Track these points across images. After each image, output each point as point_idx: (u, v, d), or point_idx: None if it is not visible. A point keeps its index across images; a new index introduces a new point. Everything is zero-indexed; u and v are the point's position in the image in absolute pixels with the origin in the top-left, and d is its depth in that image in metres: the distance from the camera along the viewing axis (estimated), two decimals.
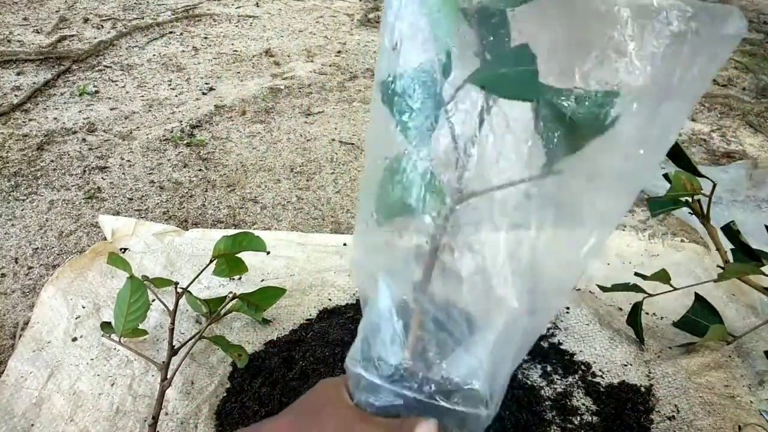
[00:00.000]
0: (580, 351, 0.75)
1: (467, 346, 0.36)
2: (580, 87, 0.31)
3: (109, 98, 1.38)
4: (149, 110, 1.34)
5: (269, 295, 0.75)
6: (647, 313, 0.81)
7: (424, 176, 0.35)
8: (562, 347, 0.75)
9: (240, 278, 0.85)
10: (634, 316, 0.76)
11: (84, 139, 1.21)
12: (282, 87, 1.48)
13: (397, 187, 0.36)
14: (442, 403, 0.37)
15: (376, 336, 0.39)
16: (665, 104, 0.32)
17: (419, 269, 0.37)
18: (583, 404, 0.68)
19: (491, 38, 0.31)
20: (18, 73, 1.45)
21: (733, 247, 0.77)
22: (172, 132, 1.25)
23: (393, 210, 0.36)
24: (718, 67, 0.32)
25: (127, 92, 1.42)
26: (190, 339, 0.69)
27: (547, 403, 0.68)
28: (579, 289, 0.87)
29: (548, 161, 0.33)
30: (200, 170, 1.14)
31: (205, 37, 1.75)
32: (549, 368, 0.72)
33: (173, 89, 1.45)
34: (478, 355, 0.36)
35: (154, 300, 0.75)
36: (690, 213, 0.79)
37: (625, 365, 0.73)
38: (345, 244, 0.94)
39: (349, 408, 0.39)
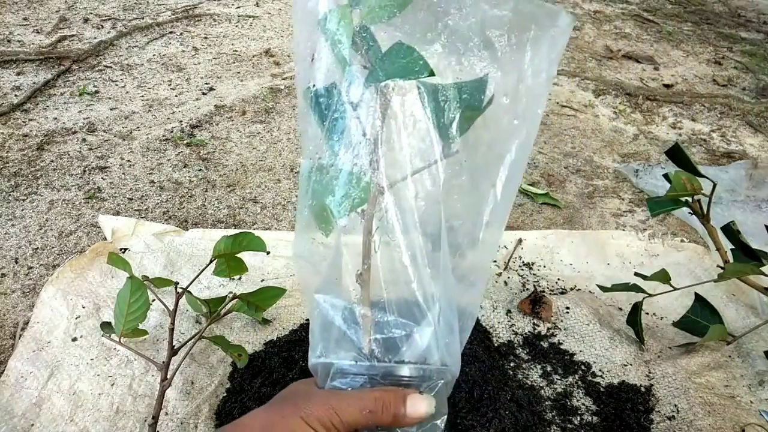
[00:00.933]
0: (580, 351, 0.75)
1: (416, 330, 0.39)
2: (457, 81, 0.38)
3: (109, 98, 1.38)
4: (149, 110, 1.34)
5: (269, 295, 0.75)
6: (647, 313, 0.81)
7: (347, 177, 0.39)
8: (562, 347, 0.75)
9: (240, 278, 0.85)
10: (634, 316, 0.76)
11: (84, 139, 1.21)
12: (282, 87, 1.48)
13: (323, 189, 0.40)
14: (405, 376, 0.39)
15: (329, 334, 0.41)
16: (523, 84, 0.39)
17: (353, 282, 0.41)
18: (583, 404, 0.68)
19: (372, 47, 0.38)
20: (18, 73, 1.45)
21: (733, 247, 0.77)
22: (172, 132, 1.25)
23: (322, 213, 0.40)
24: (559, 52, 0.40)
25: (127, 92, 1.42)
26: (190, 339, 0.69)
27: (547, 403, 0.68)
28: (579, 289, 0.87)
29: (445, 145, 0.39)
30: (200, 170, 1.14)
31: (205, 37, 1.74)
32: (549, 368, 0.72)
33: (173, 89, 1.45)
34: (427, 336, 0.39)
35: (154, 300, 0.75)
36: (690, 213, 0.79)
37: (625, 365, 0.73)
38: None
39: (323, 390, 0.40)
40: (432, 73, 0.36)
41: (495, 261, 0.91)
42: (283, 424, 0.37)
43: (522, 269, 0.90)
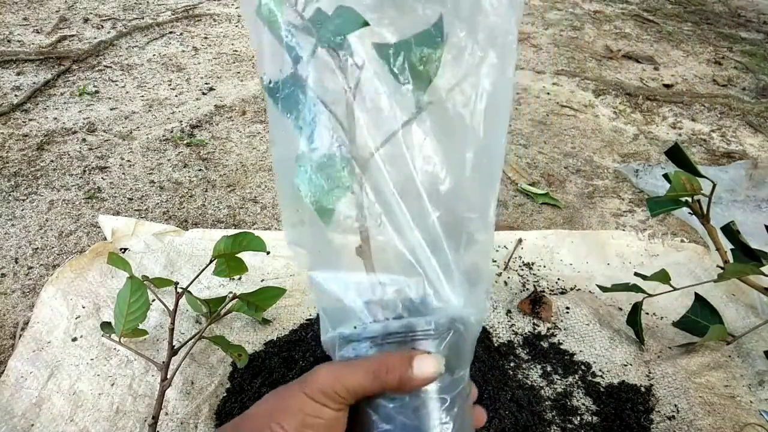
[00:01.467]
0: (580, 351, 0.75)
1: (413, 281, 0.39)
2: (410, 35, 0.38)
3: (109, 98, 1.38)
4: (149, 110, 1.34)
5: (269, 295, 0.75)
6: (647, 313, 0.81)
7: (326, 165, 0.38)
8: (562, 347, 0.75)
9: (240, 278, 0.85)
10: (634, 316, 0.76)
11: (84, 139, 1.21)
12: None
13: (308, 183, 0.39)
14: (411, 331, 0.38)
15: (333, 308, 0.40)
16: (481, 14, 0.39)
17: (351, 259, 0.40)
18: (583, 404, 0.68)
19: (320, 16, 0.38)
20: (18, 73, 1.45)
21: (732, 247, 0.77)
22: (172, 132, 1.25)
23: (317, 205, 0.40)
24: (517, 17, 0.39)
25: (127, 92, 1.42)
26: (190, 339, 0.69)
27: (547, 403, 0.68)
28: (579, 289, 0.87)
29: (416, 99, 0.38)
30: (200, 170, 1.14)
31: (205, 37, 1.75)
32: (549, 368, 0.72)
33: (173, 89, 1.45)
34: (423, 285, 0.38)
35: (154, 300, 0.75)
36: (690, 213, 0.79)
37: (625, 365, 0.73)
38: None
39: (329, 362, 0.39)
40: (366, 23, 0.36)
41: (495, 261, 0.91)
42: (289, 405, 0.36)
43: (522, 269, 0.90)
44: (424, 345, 0.38)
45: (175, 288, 0.71)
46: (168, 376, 0.63)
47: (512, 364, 0.72)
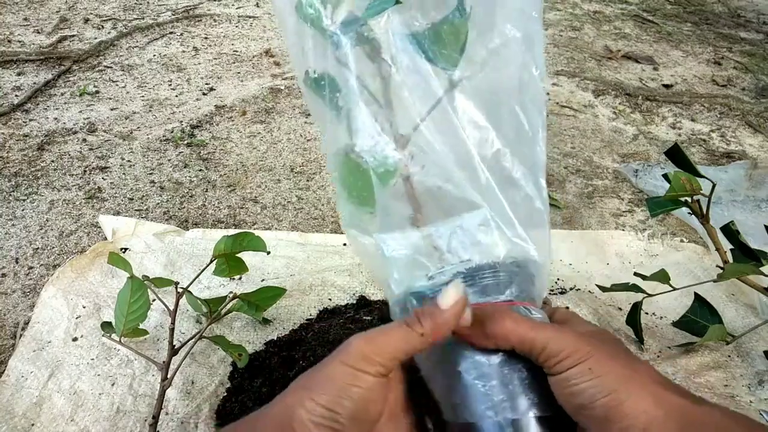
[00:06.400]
0: None
1: (469, 218, 0.39)
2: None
3: (110, 98, 1.38)
4: (150, 110, 1.34)
5: (269, 295, 0.75)
6: (647, 313, 0.81)
7: (372, 153, 0.39)
8: None
9: (240, 278, 0.85)
10: (634, 316, 0.76)
11: (84, 139, 1.21)
12: (282, 87, 1.48)
13: (357, 176, 0.40)
14: (493, 271, 0.38)
15: (407, 271, 0.40)
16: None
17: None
18: None
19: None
20: (18, 73, 1.46)
21: (732, 247, 0.77)
22: (172, 132, 1.26)
23: (362, 199, 0.41)
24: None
25: (128, 92, 1.42)
26: (190, 339, 0.69)
27: None
28: (579, 289, 0.87)
29: (450, 75, 0.39)
30: (200, 170, 1.14)
31: (206, 38, 1.75)
32: None
33: (173, 89, 1.45)
34: (480, 218, 0.39)
35: (154, 300, 0.75)
36: (689, 213, 0.79)
37: None
38: (345, 245, 0.94)
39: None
40: (398, 1, 0.37)
41: None
42: (322, 376, 0.34)
43: None
44: (491, 282, 0.38)
45: (176, 288, 0.71)
46: (168, 376, 0.64)
47: None
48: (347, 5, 0.39)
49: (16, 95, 1.35)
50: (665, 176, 0.76)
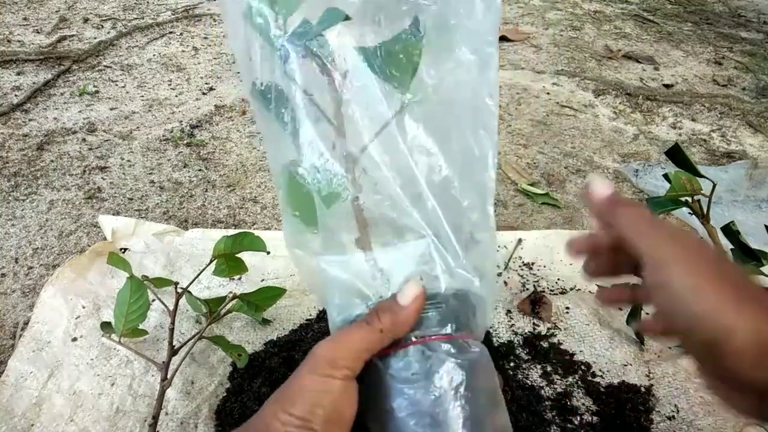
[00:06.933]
0: (580, 351, 0.75)
1: (411, 247, 0.39)
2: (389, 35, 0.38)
3: (109, 98, 1.38)
4: (149, 110, 1.34)
5: (269, 295, 0.75)
6: (647, 313, 0.81)
7: (322, 165, 0.38)
8: (562, 347, 0.75)
9: (240, 278, 0.85)
10: (634, 316, 0.76)
11: (84, 139, 1.21)
12: None
13: (301, 195, 0.39)
14: (433, 303, 0.38)
15: (341, 292, 0.40)
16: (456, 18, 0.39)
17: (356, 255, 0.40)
18: (583, 404, 0.68)
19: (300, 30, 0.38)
20: (18, 73, 1.45)
21: (733, 247, 0.77)
22: (172, 132, 1.25)
23: (306, 218, 0.40)
24: (495, 20, 0.39)
25: (127, 92, 1.42)
26: (190, 339, 0.69)
27: (547, 403, 0.68)
28: (579, 289, 0.87)
29: (400, 95, 0.38)
30: (200, 170, 1.14)
31: (205, 37, 1.75)
32: (549, 368, 0.72)
33: (173, 89, 1.45)
34: (421, 249, 0.38)
35: (154, 300, 0.75)
36: (690, 213, 0.78)
37: (625, 365, 0.73)
38: None
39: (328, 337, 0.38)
40: (348, 17, 0.36)
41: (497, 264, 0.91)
42: (294, 389, 0.35)
43: (522, 269, 0.90)
44: (431, 314, 0.37)
45: (175, 288, 0.71)
46: (168, 376, 0.63)
47: (512, 364, 0.72)
48: (298, 16, 0.38)
49: (15, 95, 1.35)
50: (666, 176, 0.75)
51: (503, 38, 1.82)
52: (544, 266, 0.91)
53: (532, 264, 0.91)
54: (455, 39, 0.39)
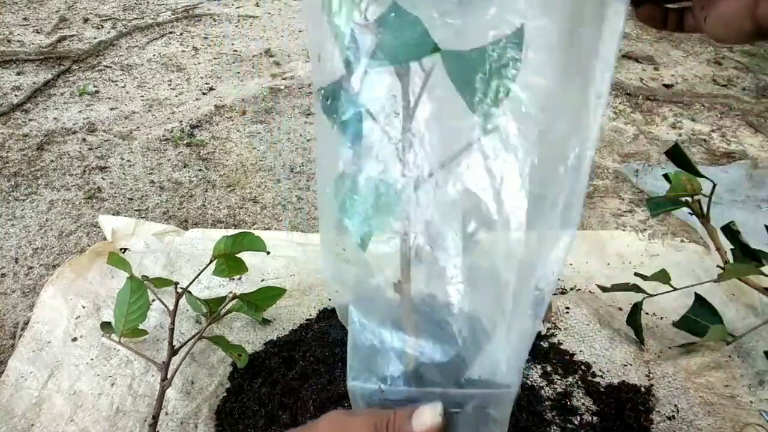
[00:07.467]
0: (580, 351, 0.75)
1: (478, 348, 0.35)
2: (484, 42, 0.31)
3: (109, 98, 1.38)
4: (149, 110, 1.34)
5: (269, 295, 0.75)
6: (647, 313, 0.81)
7: (376, 180, 0.34)
8: (562, 347, 0.75)
9: (240, 278, 0.85)
10: (634, 316, 0.76)
11: (84, 139, 1.21)
12: (282, 87, 1.48)
13: (355, 198, 0.35)
14: (460, 392, 0.35)
15: (363, 354, 0.37)
16: (575, 29, 0.32)
17: (393, 295, 0.36)
18: (583, 404, 0.68)
19: (386, 19, 0.31)
20: (18, 73, 1.45)
21: (733, 247, 0.77)
22: (172, 132, 1.25)
23: (360, 222, 0.36)
24: (617, 32, 0.32)
25: (127, 92, 1.42)
26: (190, 339, 0.69)
27: (547, 403, 0.68)
28: (579, 289, 0.87)
29: (484, 119, 0.32)
30: (200, 170, 1.14)
31: (205, 37, 1.75)
32: (549, 368, 0.72)
33: (173, 89, 1.45)
34: (493, 354, 0.34)
35: (154, 300, 0.75)
36: (690, 213, 0.79)
37: (625, 365, 0.73)
38: None
39: (342, 409, 0.38)
40: (437, 49, 0.30)
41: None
42: None
43: None
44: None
45: (175, 288, 0.71)
46: (168, 376, 0.63)
47: None
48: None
49: (15, 95, 1.35)
50: (666, 176, 0.76)
51: None
52: None
53: None
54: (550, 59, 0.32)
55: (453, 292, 0.34)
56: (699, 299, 0.77)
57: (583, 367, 0.73)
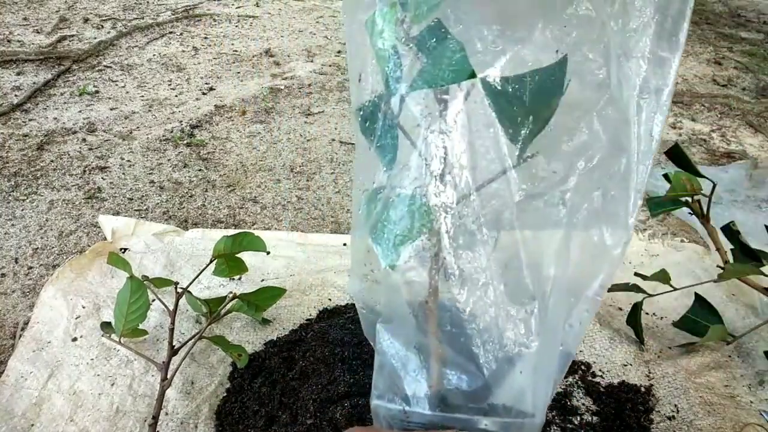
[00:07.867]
0: (580, 351, 0.75)
1: (504, 375, 0.34)
2: (527, 69, 0.31)
3: (109, 98, 1.38)
4: (149, 110, 1.34)
5: (269, 295, 0.75)
6: (647, 313, 0.81)
7: (409, 201, 0.33)
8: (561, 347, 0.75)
9: (240, 278, 0.85)
10: (634, 316, 0.76)
11: (84, 139, 1.21)
12: (282, 87, 1.48)
13: (386, 217, 0.34)
14: (484, 421, 0.35)
15: (389, 374, 0.37)
16: (615, 59, 0.30)
17: (420, 313, 0.36)
18: (583, 404, 0.68)
19: (427, 40, 0.31)
20: (18, 73, 1.46)
21: (733, 247, 0.77)
22: (172, 132, 1.25)
23: (390, 241, 0.35)
24: (683, 25, 0.30)
25: (127, 92, 1.42)
26: (190, 339, 0.69)
27: None
28: None
29: (521, 147, 0.31)
30: (200, 170, 1.14)
31: (205, 37, 1.75)
32: None
33: (173, 89, 1.45)
34: (519, 383, 0.34)
35: (154, 300, 0.75)
36: (690, 213, 0.79)
37: (625, 365, 0.73)
38: (345, 245, 0.94)
39: (365, 427, 0.37)
40: (473, 75, 0.30)
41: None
42: None
43: None
44: None
45: (175, 288, 0.71)
46: (168, 376, 0.63)
47: None
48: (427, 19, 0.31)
49: (15, 95, 1.35)
50: (666, 176, 0.75)
51: None
52: None
53: None
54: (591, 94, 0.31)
55: (482, 315, 0.34)
56: (699, 299, 0.77)
57: (583, 367, 0.73)
